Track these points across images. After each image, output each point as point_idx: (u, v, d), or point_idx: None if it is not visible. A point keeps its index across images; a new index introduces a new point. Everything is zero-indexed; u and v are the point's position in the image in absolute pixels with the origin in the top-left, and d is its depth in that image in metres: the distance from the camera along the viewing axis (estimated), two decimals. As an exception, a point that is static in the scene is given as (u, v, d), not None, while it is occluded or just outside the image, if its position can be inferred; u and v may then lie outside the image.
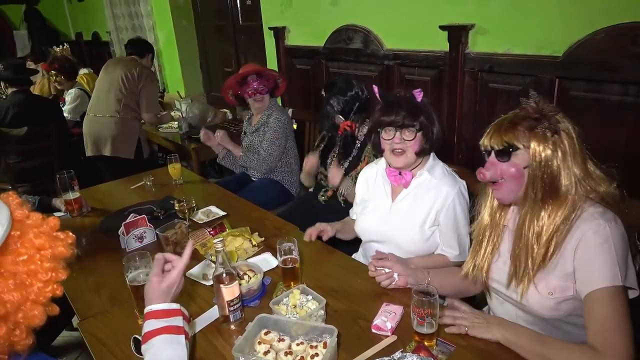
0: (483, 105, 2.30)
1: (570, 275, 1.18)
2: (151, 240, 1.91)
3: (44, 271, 0.77)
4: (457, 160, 2.45)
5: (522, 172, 1.20)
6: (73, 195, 2.16)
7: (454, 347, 1.23)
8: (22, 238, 0.77)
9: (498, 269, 1.35)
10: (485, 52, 2.22)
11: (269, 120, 2.81)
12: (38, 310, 0.76)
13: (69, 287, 1.65)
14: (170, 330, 1.03)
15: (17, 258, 0.75)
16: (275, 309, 1.35)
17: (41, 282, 0.77)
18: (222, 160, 2.96)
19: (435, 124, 1.66)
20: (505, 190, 1.25)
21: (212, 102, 4.65)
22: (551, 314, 1.23)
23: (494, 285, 1.37)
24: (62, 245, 0.82)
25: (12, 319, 0.73)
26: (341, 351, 1.24)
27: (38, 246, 0.78)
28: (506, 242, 1.34)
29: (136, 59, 3.60)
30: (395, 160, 1.67)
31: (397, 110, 1.61)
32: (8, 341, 0.74)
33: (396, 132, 1.63)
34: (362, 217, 1.88)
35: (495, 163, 1.24)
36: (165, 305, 1.07)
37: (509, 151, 1.21)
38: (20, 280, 0.74)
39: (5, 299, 0.72)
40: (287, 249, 1.52)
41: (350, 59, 2.94)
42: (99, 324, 1.43)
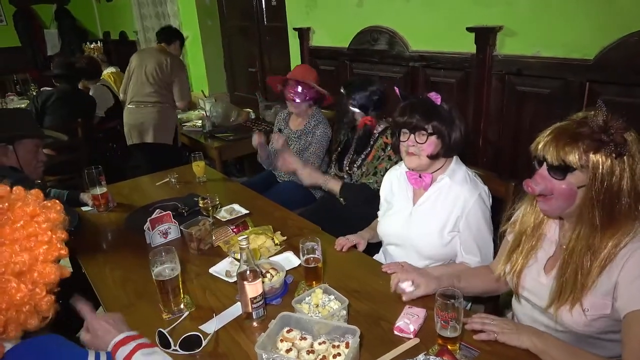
0: (510, 109, 2.27)
1: (610, 292, 1.12)
2: (175, 237, 1.94)
3: (42, 232, 0.82)
4: (482, 164, 2.42)
5: (576, 191, 1.13)
6: (100, 190, 2.21)
7: (478, 352, 1.21)
8: (12, 209, 0.81)
9: (532, 277, 1.32)
10: (513, 54, 2.19)
11: (315, 131, 2.76)
12: (49, 267, 0.81)
13: (96, 279, 1.70)
14: (143, 346, 1.06)
15: (13, 226, 0.80)
16: (298, 307, 1.36)
17: (44, 243, 0.82)
18: (264, 161, 2.92)
19: (454, 128, 1.63)
20: (554, 206, 1.19)
21: (236, 102, 4.70)
22: (583, 329, 1.19)
23: (524, 294, 1.34)
24: (53, 212, 0.86)
25: (28, 278, 0.78)
26: (363, 352, 1.24)
27: (30, 213, 0.82)
28: (545, 250, 1.30)
29: (164, 46, 3.77)
30: (408, 161, 1.68)
31: (411, 112, 1.62)
32: (32, 300, 0.78)
33: (410, 134, 1.64)
34: (384, 219, 1.88)
35: (547, 177, 1.16)
36: (125, 333, 1.10)
37: (565, 170, 1.12)
38: (24, 244, 0.79)
39: (16, 261, 0.77)
40: (310, 248, 1.52)
41: (375, 60, 2.93)
42: (125, 316, 1.43)
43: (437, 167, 1.69)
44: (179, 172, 2.70)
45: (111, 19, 7.28)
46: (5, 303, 0.75)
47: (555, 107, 2.08)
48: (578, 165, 1.09)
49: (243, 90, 5.03)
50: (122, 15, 6.66)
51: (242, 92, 5.03)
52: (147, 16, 5.82)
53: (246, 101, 4.70)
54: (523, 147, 2.27)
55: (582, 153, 1.08)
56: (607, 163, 1.07)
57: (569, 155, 1.09)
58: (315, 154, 2.76)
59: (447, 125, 1.62)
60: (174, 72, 3.67)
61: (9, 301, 0.75)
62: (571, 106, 2.02)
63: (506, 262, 1.37)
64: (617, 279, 1.11)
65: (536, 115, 2.17)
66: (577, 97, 1.99)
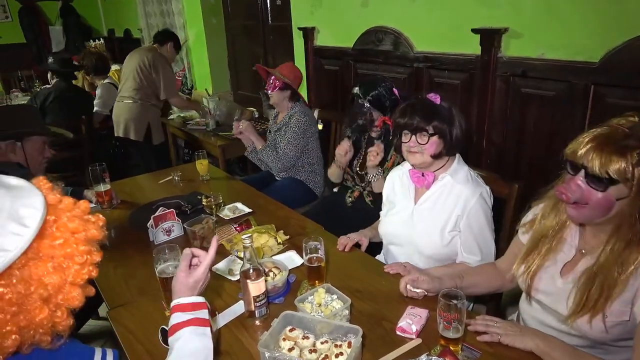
0: (514, 111, 2.27)
1: (630, 299, 1.10)
2: (179, 234, 1.94)
3: (79, 254, 0.79)
4: (486, 165, 2.41)
5: (614, 203, 1.08)
6: (104, 187, 2.21)
7: (480, 353, 1.21)
8: (57, 222, 0.79)
9: (547, 280, 1.29)
10: (518, 56, 2.18)
11: (290, 120, 2.83)
12: (76, 292, 0.79)
13: (99, 276, 1.68)
14: (197, 322, 1.05)
15: (53, 242, 0.77)
16: (300, 306, 1.36)
17: (78, 265, 0.79)
18: (250, 154, 2.99)
19: (455, 126, 1.64)
20: (586, 215, 1.14)
21: (239, 101, 4.70)
22: (600, 336, 1.16)
23: (537, 296, 1.32)
24: (94, 228, 0.84)
25: (53, 301, 0.76)
26: (365, 352, 1.24)
27: (72, 230, 0.79)
28: (564, 253, 1.27)
29: (156, 47, 3.80)
30: (411, 158, 1.69)
31: (411, 114, 1.63)
32: (51, 322, 0.76)
33: (412, 135, 1.65)
34: (385, 219, 1.88)
35: (583, 187, 1.10)
36: (192, 298, 1.09)
37: (607, 182, 1.06)
38: (58, 263, 0.76)
39: (46, 282, 0.74)
40: (313, 247, 1.53)
41: (380, 61, 2.93)
42: (128, 313, 1.46)
43: (439, 165, 1.69)
44: (182, 170, 2.70)
45: (116, 16, 7.29)
46: (25, 321, 0.73)
47: (559, 109, 2.08)
48: (622, 178, 1.04)
49: (247, 89, 5.03)
50: (127, 13, 6.67)
51: (246, 91, 5.03)
52: (152, 14, 5.82)
53: (250, 100, 4.70)
54: (527, 149, 2.27)
55: (628, 165, 1.02)
56: None
57: (616, 167, 1.03)
58: (289, 142, 2.79)
59: (447, 124, 1.63)
60: (154, 67, 3.67)
61: (30, 321, 0.74)
62: (576, 109, 2.02)
63: (521, 262, 1.34)
64: (637, 284, 1.09)
65: (540, 118, 2.17)
66: (581, 99, 1.99)
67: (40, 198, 0.77)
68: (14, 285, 0.71)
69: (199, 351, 1.01)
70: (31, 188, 0.79)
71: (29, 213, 0.74)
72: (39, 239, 0.75)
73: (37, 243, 0.75)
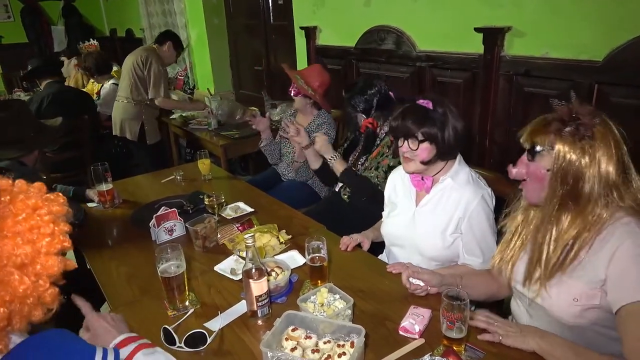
0: (517, 110, 2.26)
1: (599, 283, 1.15)
2: (181, 234, 1.94)
3: (45, 224, 0.81)
4: (489, 164, 2.41)
5: (545, 174, 1.21)
6: (106, 186, 2.21)
7: (484, 354, 1.21)
8: (13, 201, 0.80)
9: (521, 270, 1.34)
10: (522, 55, 2.18)
11: (318, 131, 2.73)
12: (52, 259, 0.81)
13: (101, 275, 1.70)
14: (144, 346, 1.07)
15: (15, 219, 0.79)
16: (303, 306, 1.35)
17: (47, 236, 0.81)
18: (264, 147, 2.97)
19: (448, 130, 1.60)
20: (529, 189, 1.27)
21: (241, 100, 4.70)
22: (575, 321, 1.20)
23: (517, 287, 1.37)
24: (56, 205, 0.85)
25: (31, 270, 0.78)
26: (368, 352, 1.23)
27: (32, 206, 0.81)
28: None
29: (155, 47, 3.79)
30: (405, 166, 1.69)
31: (403, 119, 1.63)
32: (36, 292, 0.78)
33: (404, 140, 1.64)
34: (387, 220, 1.88)
35: (524, 162, 1.26)
36: (124, 335, 1.11)
37: (534, 151, 1.22)
38: (27, 237, 0.78)
39: (18, 254, 0.76)
40: (315, 247, 1.52)
41: (382, 60, 2.93)
42: (130, 312, 1.45)
43: (437, 169, 1.68)
44: (184, 169, 2.70)
45: (118, 16, 7.30)
46: (8, 295, 0.75)
47: (563, 108, 2.08)
48: (546, 147, 1.18)
49: (249, 88, 5.03)
50: (129, 13, 6.68)
51: (248, 91, 5.03)
52: (154, 14, 5.83)
53: (252, 99, 4.70)
54: (530, 149, 2.26)
55: (547, 135, 1.17)
56: (570, 144, 1.14)
57: (538, 137, 1.19)
58: None
59: (439, 129, 1.60)
60: (146, 66, 3.66)
61: (13, 293, 0.75)
62: (579, 108, 2.01)
63: (500, 254, 1.41)
64: (607, 272, 1.14)
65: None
66: (585, 98, 1.98)
67: None
68: None
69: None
70: None
71: None
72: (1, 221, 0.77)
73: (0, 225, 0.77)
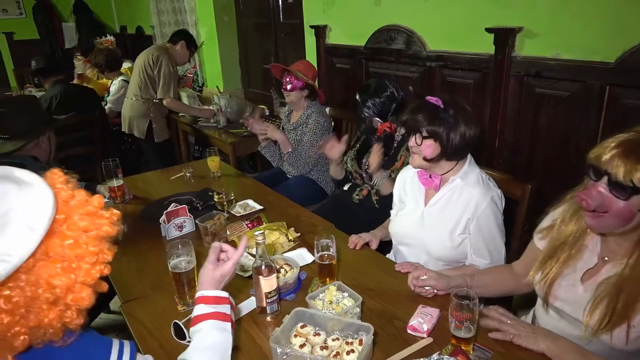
0: (528, 111, 2.25)
1: None
2: (190, 230, 1.95)
3: (90, 254, 0.77)
4: (498, 166, 2.40)
5: (635, 214, 1.04)
6: (117, 182, 2.24)
7: (492, 354, 1.21)
8: (68, 221, 0.76)
9: (566, 287, 1.26)
10: (533, 56, 2.16)
11: (308, 121, 2.84)
12: (86, 291, 0.77)
13: (112, 270, 1.70)
14: (218, 317, 1.06)
15: (63, 242, 0.74)
16: (312, 303, 1.36)
17: (88, 264, 0.77)
18: (263, 150, 3.00)
19: (455, 132, 1.59)
20: (604, 224, 1.11)
21: (250, 98, 4.71)
22: (619, 346, 1.12)
23: (556, 304, 1.28)
24: (107, 225, 0.81)
25: (62, 302, 0.74)
26: (376, 350, 1.24)
27: (83, 228, 0.77)
28: (584, 261, 1.24)
29: (168, 46, 3.82)
30: (410, 159, 1.71)
31: (412, 113, 1.64)
32: (61, 322, 0.75)
33: (413, 135, 1.65)
34: (396, 218, 1.88)
35: (604, 194, 1.06)
36: (216, 292, 1.11)
37: (630, 191, 1.02)
38: (68, 264, 0.74)
39: (55, 284, 0.72)
40: (324, 245, 1.53)
41: (392, 60, 2.92)
42: (141, 307, 1.47)
43: (445, 168, 1.68)
44: (194, 166, 2.72)
45: (128, 13, 7.33)
46: (34, 322, 0.72)
47: (574, 110, 2.06)
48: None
49: (258, 86, 5.04)
50: (139, 10, 6.71)
51: (257, 89, 5.05)
52: (164, 11, 5.85)
53: (261, 98, 4.71)
54: (540, 150, 2.25)
55: None
56: None
57: (637, 172, 0.99)
58: (310, 143, 2.81)
59: (445, 129, 1.59)
60: (157, 66, 3.69)
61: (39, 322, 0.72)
62: (590, 109, 2.00)
63: (538, 269, 1.30)
64: None
65: (554, 118, 2.15)
66: (597, 100, 1.96)
67: (50, 197, 0.74)
68: (21, 289, 0.70)
69: (217, 345, 1.02)
70: (41, 185, 0.76)
71: (38, 214, 0.71)
72: (48, 239, 0.73)
73: (46, 243, 0.72)
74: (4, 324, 0.69)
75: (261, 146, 3.00)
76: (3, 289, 0.68)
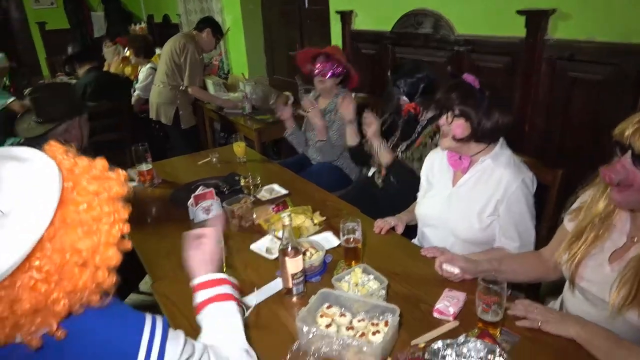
0: (559, 95, 2.19)
1: None
2: (217, 213, 1.98)
3: (106, 215, 0.80)
4: (528, 151, 2.34)
5: None
6: (146, 167, 2.29)
7: (519, 337, 1.20)
8: (76, 187, 0.78)
9: (593, 268, 1.24)
10: (566, 39, 2.10)
11: (338, 109, 2.80)
12: (112, 250, 0.80)
13: (142, 250, 1.76)
14: (220, 298, 1.06)
15: (77, 207, 0.77)
16: (337, 285, 1.37)
17: (107, 225, 0.79)
18: (290, 136, 3.00)
19: (487, 116, 1.57)
20: (630, 198, 1.11)
21: (275, 85, 4.72)
22: None
23: (582, 284, 1.27)
24: (116, 185, 0.83)
25: (91, 263, 0.77)
26: (401, 332, 1.24)
27: (94, 192, 0.79)
28: (612, 241, 1.22)
29: (195, 34, 3.83)
30: (441, 142, 1.69)
31: (447, 92, 1.62)
32: (95, 283, 0.78)
33: (444, 113, 1.63)
34: (422, 200, 1.87)
35: (628, 167, 1.07)
36: (210, 275, 1.10)
37: None
38: (88, 227, 0.77)
39: (79, 248, 0.75)
40: (350, 228, 1.53)
41: (419, 44, 2.88)
42: (170, 286, 1.50)
43: (475, 150, 1.66)
44: (220, 152, 2.75)
45: (155, 1, 7.41)
46: (70, 286, 0.75)
47: (608, 93, 2.00)
48: None
49: (283, 73, 5.05)
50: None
51: (282, 76, 5.05)
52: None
53: (285, 85, 4.72)
54: (572, 135, 2.20)
55: None
56: None
57: None
58: (338, 132, 2.78)
59: (477, 111, 1.57)
60: (183, 54, 3.70)
61: (74, 285, 0.76)
62: (625, 93, 1.93)
63: (566, 249, 1.29)
64: None
65: (587, 102, 2.09)
66: (632, 84, 1.90)
67: (53, 168, 0.76)
68: (49, 257, 0.73)
69: (226, 326, 1.03)
70: (43, 158, 0.78)
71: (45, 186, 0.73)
72: (63, 207, 0.75)
73: (61, 212, 0.75)
74: (42, 293, 0.72)
75: (287, 132, 3.00)
76: (32, 260, 0.72)
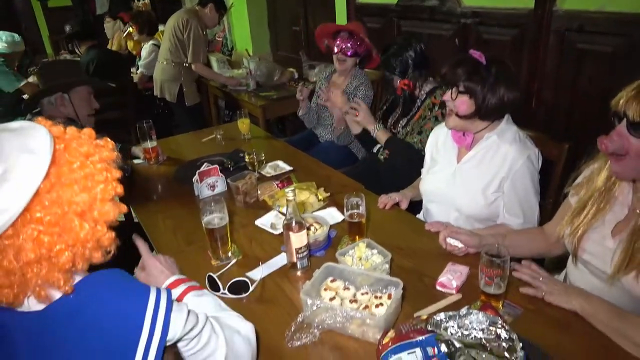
0: (567, 68, 2.15)
1: None
2: (222, 190, 1.99)
3: (98, 172, 0.84)
4: (535, 125, 2.32)
5: None
6: (151, 144, 2.29)
7: (522, 310, 1.21)
8: (68, 149, 0.83)
9: (596, 240, 1.25)
10: (575, 9, 2.05)
11: (356, 93, 2.74)
12: (108, 206, 0.85)
13: (149, 226, 1.78)
14: (193, 289, 1.11)
15: (71, 166, 0.82)
16: (341, 259, 1.38)
17: (101, 182, 0.84)
18: (303, 116, 2.98)
19: (492, 92, 1.54)
20: (627, 167, 1.11)
21: (279, 61, 4.67)
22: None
23: (584, 257, 1.27)
24: (106, 150, 0.88)
25: (89, 217, 0.82)
26: (404, 304, 1.26)
27: (85, 153, 0.84)
28: (614, 213, 1.22)
29: (197, 9, 3.80)
30: (446, 120, 1.67)
31: (452, 67, 1.59)
32: (95, 237, 0.83)
33: (448, 89, 1.62)
34: (427, 176, 1.87)
35: (624, 135, 1.07)
36: (175, 276, 1.14)
37: None
38: (83, 184, 0.82)
39: (77, 201, 0.81)
40: (354, 203, 1.53)
41: (425, 17, 2.83)
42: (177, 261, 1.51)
43: (480, 127, 1.64)
44: (224, 129, 2.75)
45: (157, -23, 7.30)
46: (72, 239, 0.80)
47: (617, 66, 1.96)
48: None
49: (286, 49, 4.99)
50: (168, -26, 6.67)
51: (286, 52, 5.00)
52: (193, -26, 5.80)
53: (289, 61, 4.67)
54: (580, 109, 2.17)
55: None
56: None
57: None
58: None
59: (483, 88, 1.55)
60: (186, 30, 3.67)
61: (75, 238, 0.80)
62: (635, 65, 1.89)
63: (569, 223, 1.30)
64: None
65: (596, 75, 2.05)
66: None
67: (43, 130, 0.81)
68: (48, 208, 0.78)
69: (208, 304, 1.07)
70: (33, 125, 0.83)
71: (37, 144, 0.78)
72: (57, 167, 0.80)
73: (56, 170, 0.80)
74: (45, 244, 0.77)
75: (301, 112, 2.97)
76: (33, 212, 0.76)
